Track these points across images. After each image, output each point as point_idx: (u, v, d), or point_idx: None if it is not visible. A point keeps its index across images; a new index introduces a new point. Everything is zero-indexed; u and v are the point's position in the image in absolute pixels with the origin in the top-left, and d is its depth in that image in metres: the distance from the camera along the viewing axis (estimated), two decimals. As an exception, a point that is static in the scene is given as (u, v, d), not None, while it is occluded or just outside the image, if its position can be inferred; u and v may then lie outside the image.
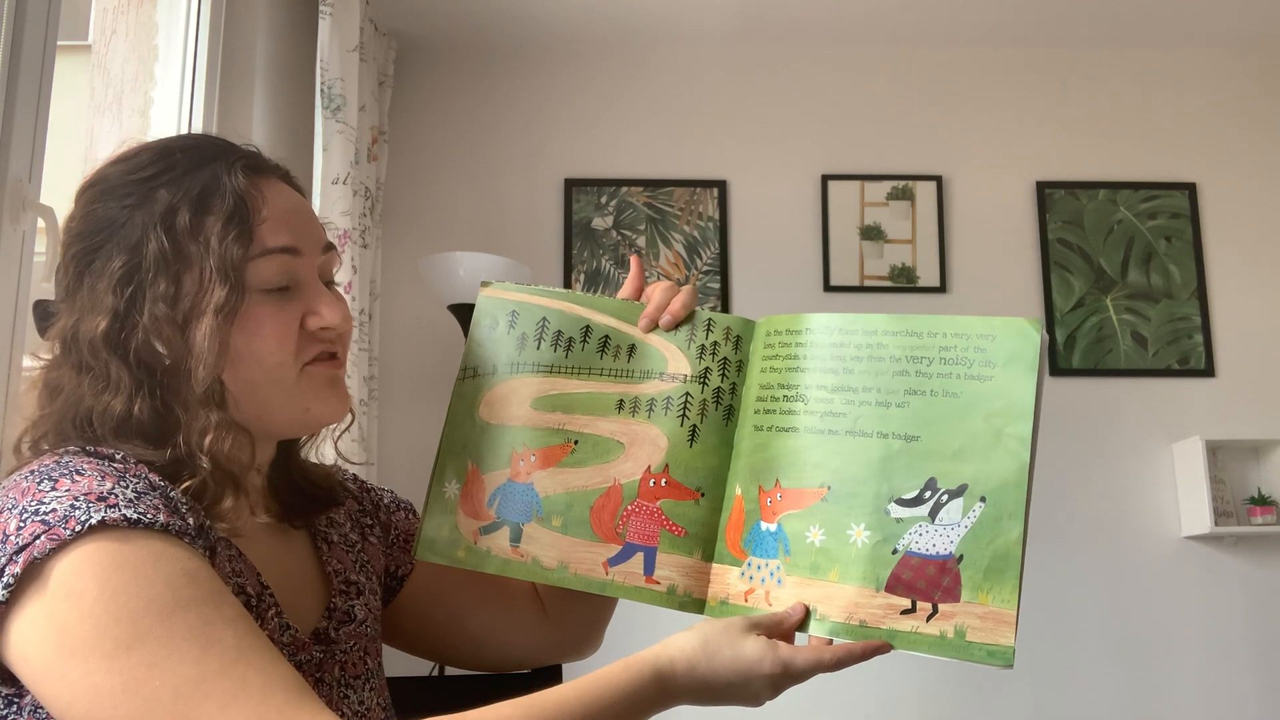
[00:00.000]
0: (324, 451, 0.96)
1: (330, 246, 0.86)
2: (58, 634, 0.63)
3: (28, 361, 1.31)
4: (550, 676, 1.14)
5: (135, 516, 0.66)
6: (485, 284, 0.97)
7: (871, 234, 2.77)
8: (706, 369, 0.91)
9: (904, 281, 2.75)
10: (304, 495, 0.90)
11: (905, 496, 0.80)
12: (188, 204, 0.77)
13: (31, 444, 0.78)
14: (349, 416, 0.90)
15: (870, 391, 0.83)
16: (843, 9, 2.72)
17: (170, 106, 1.91)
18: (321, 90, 2.16)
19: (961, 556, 0.77)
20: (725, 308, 2.72)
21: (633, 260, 1.00)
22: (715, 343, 0.91)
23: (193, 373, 0.75)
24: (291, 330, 0.80)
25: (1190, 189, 2.80)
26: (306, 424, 0.84)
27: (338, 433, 0.95)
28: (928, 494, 0.79)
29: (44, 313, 0.82)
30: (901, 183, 2.80)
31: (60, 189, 1.38)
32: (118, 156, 0.82)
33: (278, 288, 0.79)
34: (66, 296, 0.79)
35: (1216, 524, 2.48)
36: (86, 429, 0.76)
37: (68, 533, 0.64)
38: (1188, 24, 2.77)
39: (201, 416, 0.75)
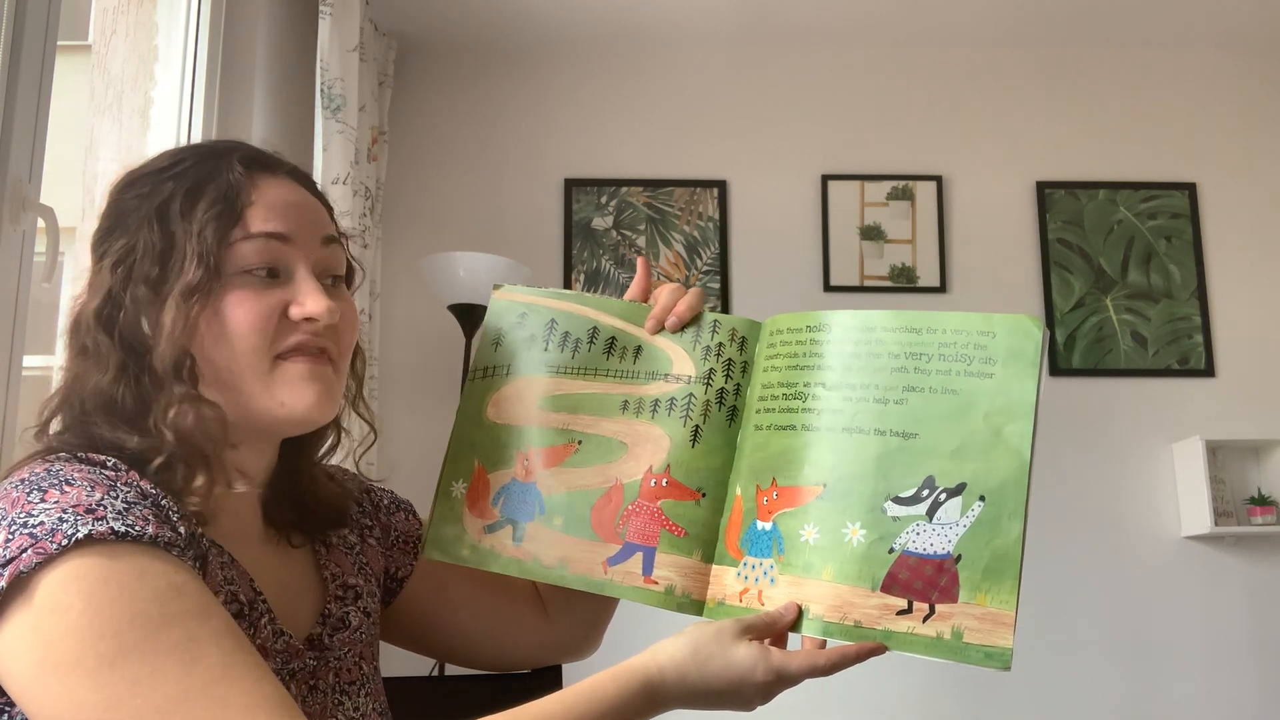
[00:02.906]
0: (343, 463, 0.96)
1: (333, 240, 0.84)
2: (42, 648, 0.63)
3: (29, 360, 1.31)
4: (550, 676, 1.14)
5: (123, 529, 0.65)
6: (497, 286, 0.99)
7: (871, 234, 2.77)
8: (711, 370, 0.90)
9: (904, 281, 2.75)
10: (307, 513, 0.89)
11: (902, 495, 0.78)
12: (183, 193, 0.79)
13: (38, 430, 0.78)
14: (370, 433, 0.91)
15: (868, 388, 0.82)
16: (843, 9, 2.72)
17: (170, 106, 1.91)
18: (321, 90, 2.16)
19: (960, 556, 0.76)
20: (725, 308, 2.72)
21: (639, 262, 1.00)
22: (720, 344, 0.91)
23: (157, 349, 0.75)
24: (269, 317, 0.78)
25: (1190, 189, 2.80)
26: (283, 419, 0.80)
27: (359, 453, 0.95)
28: (925, 492, 0.78)
29: None
30: (901, 183, 2.80)
31: (60, 189, 1.38)
32: (151, 156, 0.85)
33: (260, 273, 0.79)
34: (86, 283, 0.81)
35: (1216, 524, 2.49)
36: (80, 411, 0.76)
37: (54, 546, 0.63)
38: (1188, 24, 2.77)
39: (167, 391, 0.75)
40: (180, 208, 0.78)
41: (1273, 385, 2.69)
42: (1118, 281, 2.75)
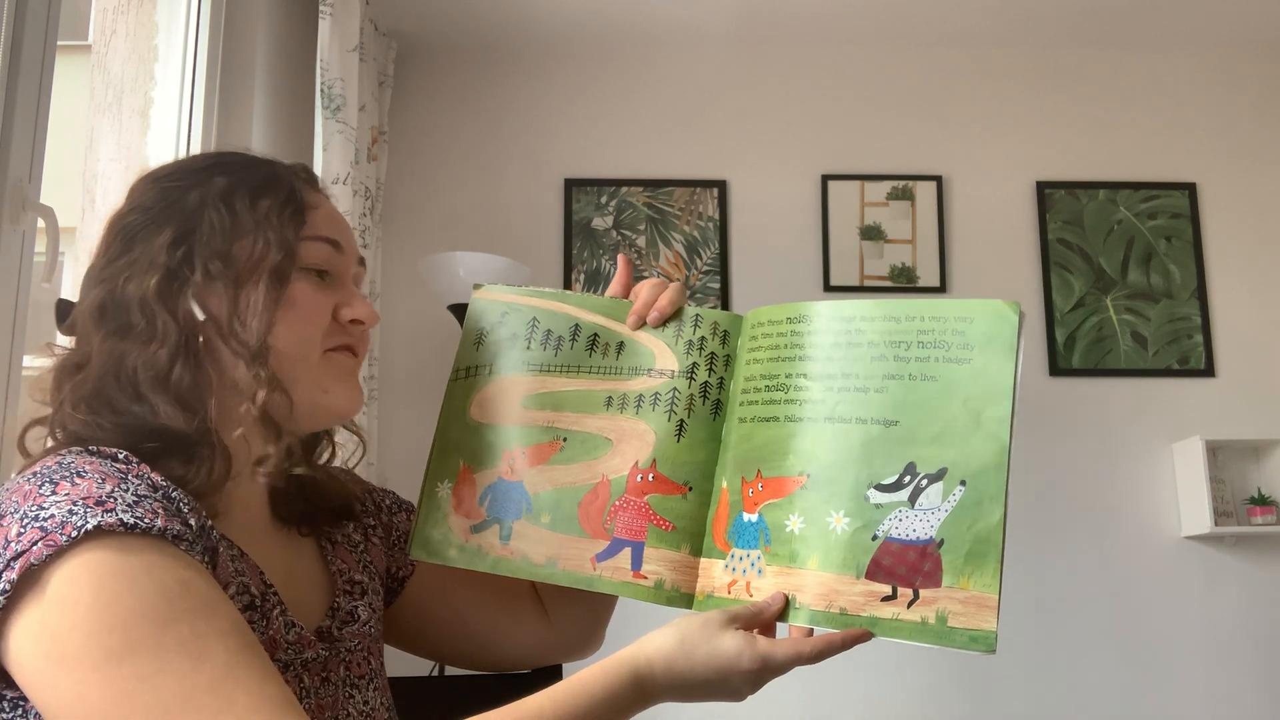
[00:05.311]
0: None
1: (362, 261, 0.90)
2: (50, 641, 0.63)
3: (29, 360, 1.31)
4: (550, 676, 1.14)
5: (132, 521, 0.66)
6: (477, 286, 0.99)
7: (871, 234, 2.77)
8: (694, 364, 0.91)
9: (904, 281, 2.75)
10: (313, 506, 0.90)
11: (885, 482, 0.79)
12: (246, 188, 0.81)
13: (73, 406, 0.76)
14: (360, 445, 0.94)
15: (849, 378, 0.83)
16: (843, 9, 2.72)
17: (170, 106, 1.91)
18: (321, 90, 2.16)
19: (942, 541, 0.76)
20: (725, 308, 2.72)
21: (620, 259, 1.01)
22: (703, 338, 0.92)
23: (240, 333, 0.77)
24: (324, 313, 0.83)
25: (1190, 189, 2.80)
26: (324, 406, 0.84)
27: (351, 462, 0.98)
28: (907, 479, 0.78)
29: (66, 310, 0.83)
30: (901, 183, 2.81)
31: (60, 189, 1.38)
32: (175, 159, 0.87)
33: (319, 271, 0.83)
34: (105, 268, 0.79)
35: (1216, 524, 2.48)
36: (130, 386, 0.76)
37: (64, 539, 0.64)
38: (1188, 25, 2.77)
39: (248, 375, 0.77)
40: (247, 200, 0.80)
41: (1273, 385, 2.69)
42: (1118, 281, 2.75)
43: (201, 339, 0.78)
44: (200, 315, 0.78)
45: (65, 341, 0.83)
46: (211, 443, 0.76)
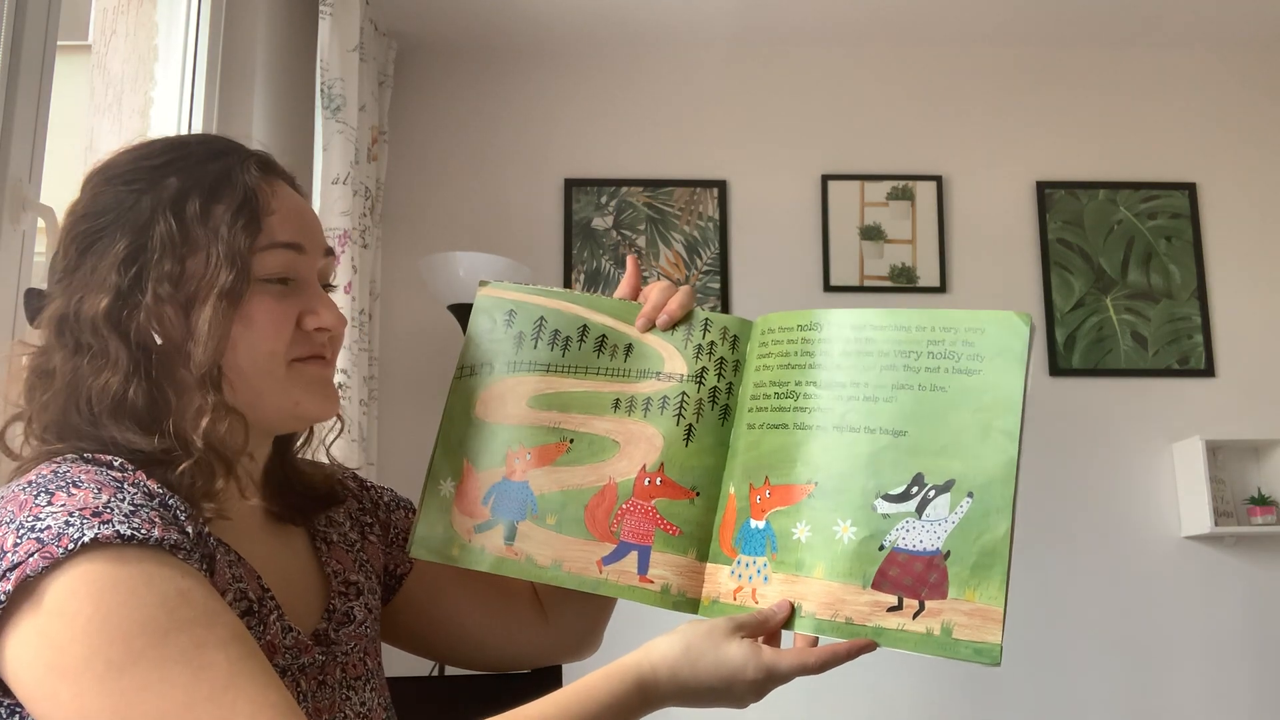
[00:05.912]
0: (316, 458, 0.96)
1: (330, 252, 0.87)
2: (50, 653, 0.63)
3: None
4: (550, 677, 1.14)
5: (129, 533, 0.65)
6: (483, 283, 0.98)
7: (871, 234, 2.77)
8: (703, 368, 0.90)
9: (904, 281, 2.75)
10: (299, 495, 0.90)
11: (892, 492, 0.79)
12: (199, 191, 0.78)
13: (39, 436, 0.76)
14: (337, 422, 0.91)
15: (859, 386, 0.82)
16: (843, 9, 2.72)
17: (170, 106, 1.91)
18: (321, 90, 2.16)
19: (949, 552, 0.76)
20: (725, 308, 2.72)
21: (629, 260, 1.00)
22: (712, 342, 0.91)
23: (192, 355, 0.75)
24: (288, 324, 0.80)
25: (1190, 189, 2.80)
26: (297, 417, 0.84)
27: (329, 440, 0.96)
28: (915, 489, 0.78)
29: (36, 300, 0.81)
30: (901, 183, 2.81)
31: (60, 189, 1.38)
32: (128, 146, 0.83)
33: (279, 281, 0.80)
34: (64, 277, 0.78)
35: (1216, 524, 2.48)
36: (88, 413, 0.75)
37: (60, 551, 0.63)
38: (1187, 25, 2.77)
39: (198, 399, 0.75)
40: (198, 207, 0.77)
41: (1273, 385, 2.69)
42: (1118, 281, 2.75)
43: (156, 359, 0.76)
44: (158, 340, 0.76)
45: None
46: (185, 449, 0.75)
